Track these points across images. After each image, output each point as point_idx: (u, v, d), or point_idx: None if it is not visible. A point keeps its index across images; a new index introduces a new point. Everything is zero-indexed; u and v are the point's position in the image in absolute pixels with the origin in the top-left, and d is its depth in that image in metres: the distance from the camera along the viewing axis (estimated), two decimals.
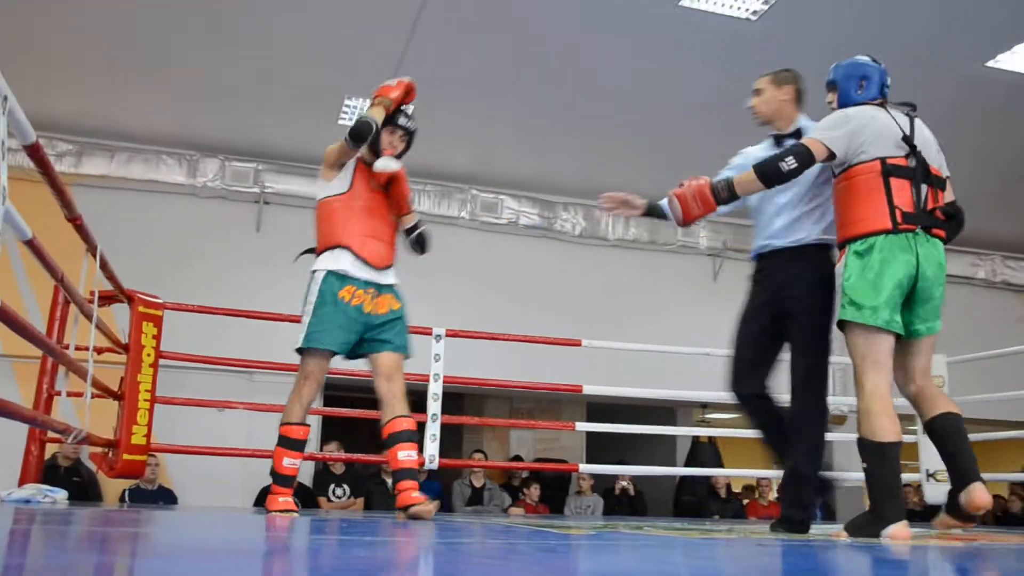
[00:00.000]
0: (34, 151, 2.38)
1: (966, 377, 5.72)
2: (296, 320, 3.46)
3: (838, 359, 8.55)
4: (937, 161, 2.87)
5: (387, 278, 3.45)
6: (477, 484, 6.96)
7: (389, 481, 6.51)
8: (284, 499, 3.38)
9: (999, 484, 7.14)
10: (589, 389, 5.38)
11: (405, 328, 3.48)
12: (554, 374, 6.01)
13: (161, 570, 1.29)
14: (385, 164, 3.41)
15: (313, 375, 3.35)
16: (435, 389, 4.82)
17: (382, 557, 1.63)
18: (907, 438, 3.34)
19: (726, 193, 2.87)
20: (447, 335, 4.95)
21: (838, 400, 7.75)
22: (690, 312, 7.86)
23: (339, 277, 3.33)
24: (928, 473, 5.23)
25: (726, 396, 3.23)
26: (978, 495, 2.70)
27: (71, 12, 5.32)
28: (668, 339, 6.13)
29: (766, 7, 5.02)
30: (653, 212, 3.30)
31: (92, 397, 3.57)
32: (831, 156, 2.80)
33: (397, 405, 3.38)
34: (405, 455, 3.34)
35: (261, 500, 5.89)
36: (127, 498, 5.81)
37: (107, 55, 5.85)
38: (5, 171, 1.94)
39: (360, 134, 3.24)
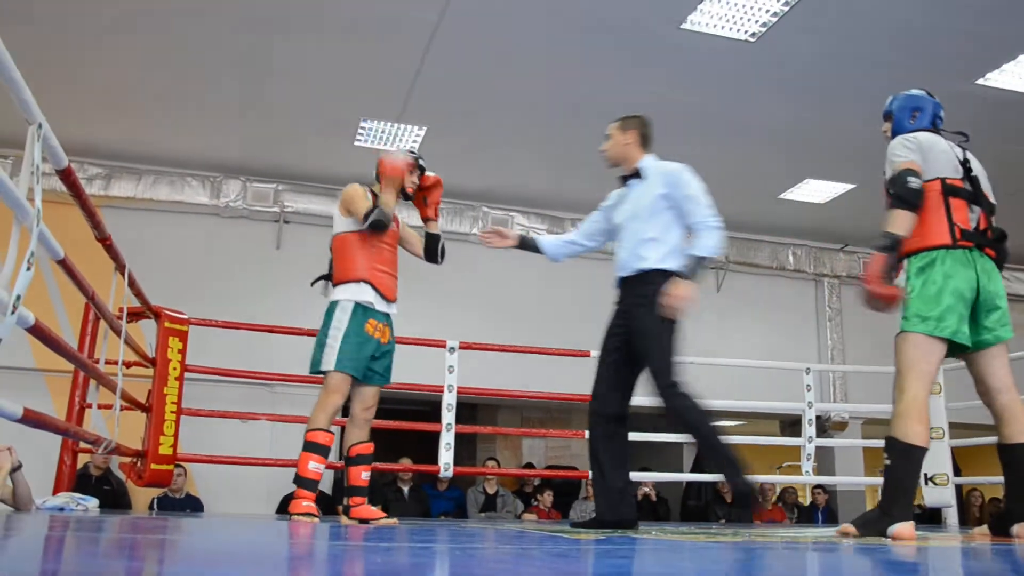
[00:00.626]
0: (66, 175, 2.47)
1: (962, 384, 5.80)
2: (313, 334, 3.68)
3: (839, 367, 8.52)
4: (987, 187, 2.98)
5: (394, 309, 3.72)
6: (490, 491, 6.99)
7: (406, 489, 6.70)
8: (307, 503, 3.47)
9: (995, 487, 7.21)
10: None
11: (393, 358, 3.77)
12: (564, 384, 5.98)
13: (188, 575, 1.32)
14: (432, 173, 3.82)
15: (340, 390, 3.56)
16: (449, 400, 4.93)
17: (400, 561, 1.67)
18: None
19: (886, 241, 2.83)
20: (460, 347, 5.07)
21: (838, 407, 7.88)
22: (693, 323, 7.89)
23: (364, 309, 3.56)
24: (927, 477, 5.23)
25: (731, 404, 3.36)
26: None
27: (102, 46, 5.52)
28: None
29: (764, 30, 5.18)
30: (526, 245, 3.65)
31: (121, 409, 3.72)
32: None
33: (367, 430, 3.70)
34: (367, 475, 3.67)
35: (284, 507, 5.95)
36: (155, 506, 5.88)
37: (135, 84, 6.02)
38: (39, 194, 2.00)
39: (380, 228, 3.52)
